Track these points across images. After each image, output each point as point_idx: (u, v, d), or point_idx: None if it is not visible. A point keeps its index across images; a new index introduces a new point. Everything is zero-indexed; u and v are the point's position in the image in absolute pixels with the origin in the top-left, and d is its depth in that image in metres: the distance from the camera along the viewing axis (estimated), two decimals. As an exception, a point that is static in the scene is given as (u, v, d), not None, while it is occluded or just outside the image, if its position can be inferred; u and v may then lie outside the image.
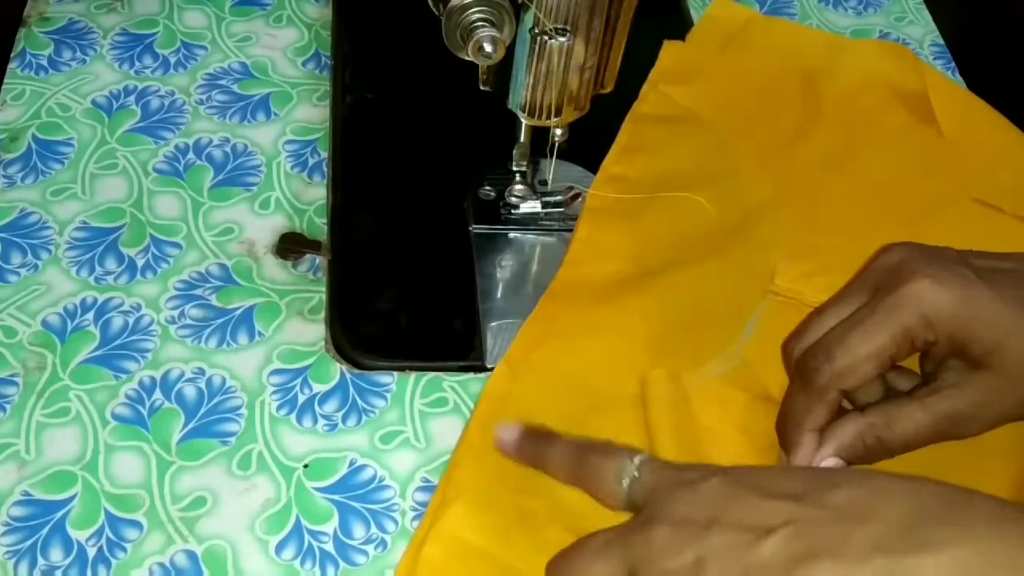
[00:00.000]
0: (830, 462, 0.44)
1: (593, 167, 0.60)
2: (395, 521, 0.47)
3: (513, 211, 0.58)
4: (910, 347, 0.43)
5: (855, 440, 0.45)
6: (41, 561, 0.45)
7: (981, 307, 0.43)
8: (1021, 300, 0.43)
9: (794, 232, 0.58)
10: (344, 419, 0.51)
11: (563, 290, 0.55)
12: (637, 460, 0.41)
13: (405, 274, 0.57)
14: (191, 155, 0.61)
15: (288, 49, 0.67)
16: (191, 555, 0.46)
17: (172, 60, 0.66)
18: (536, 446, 0.45)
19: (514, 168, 0.57)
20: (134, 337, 0.53)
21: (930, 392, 0.44)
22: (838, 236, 0.57)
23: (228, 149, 0.61)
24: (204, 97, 0.64)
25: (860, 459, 0.45)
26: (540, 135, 0.56)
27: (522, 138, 0.56)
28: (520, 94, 0.52)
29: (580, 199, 0.58)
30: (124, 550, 0.46)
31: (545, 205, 0.58)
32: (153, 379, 0.51)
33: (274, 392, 0.51)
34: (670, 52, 0.66)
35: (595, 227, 0.57)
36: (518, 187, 0.58)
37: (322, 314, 0.54)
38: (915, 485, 0.36)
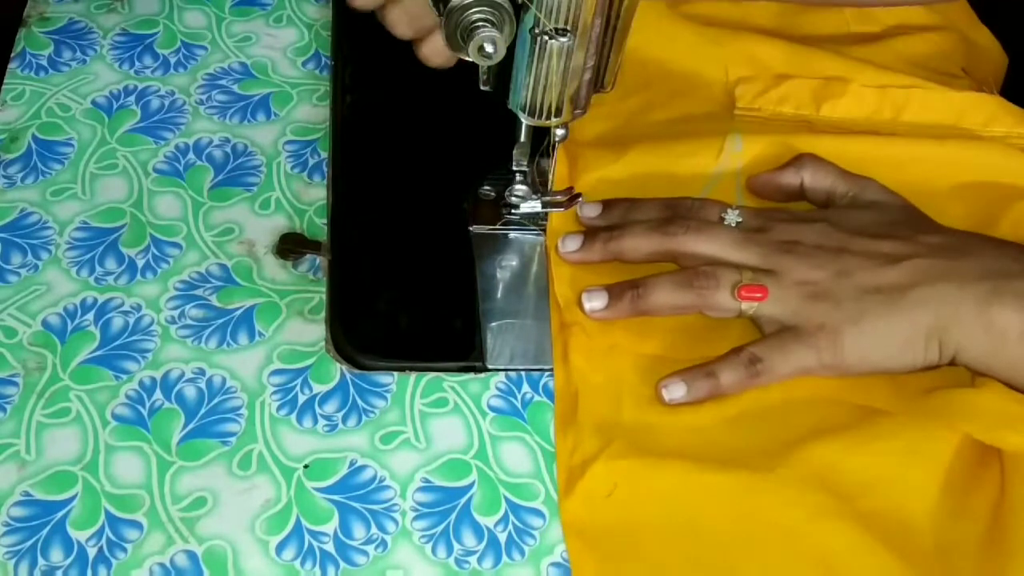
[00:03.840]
0: None
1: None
2: (395, 521, 0.48)
3: (513, 211, 0.58)
4: None
5: None
6: (41, 561, 0.45)
7: None
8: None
9: (738, 56, 0.65)
10: (344, 419, 0.51)
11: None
12: (736, 209, 0.53)
13: (405, 274, 0.57)
14: (191, 155, 0.61)
15: (288, 49, 0.67)
16: (191, 555, 0.46)
17: (172, 60, 0.66)
18: (622, 209, 0.56)
19: (514, 168, 0.57)
20: (134, 337, 0.53)
21: None
22: (778, 46, 0.65)
23: (228, 149, 0.61)
24: (204, 97, 0.64)
25: None
26: (540, 135, 0.56)
27: (522, 138, 0.56)
28: (520, 94, 0.51)
29: (580, 200, 0.58)
30: (124, 550, 0.46)
31: (545, 205, 0.58)
32: (153, 379, 0.51)
33: (274, 392, 0.51)
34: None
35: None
36: (518, 187, 0.58)
37: (322, 314, 0.54)
38: (997, 240, 0.51)
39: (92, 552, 0.46)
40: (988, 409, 0.47)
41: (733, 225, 0.53)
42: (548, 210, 0.58)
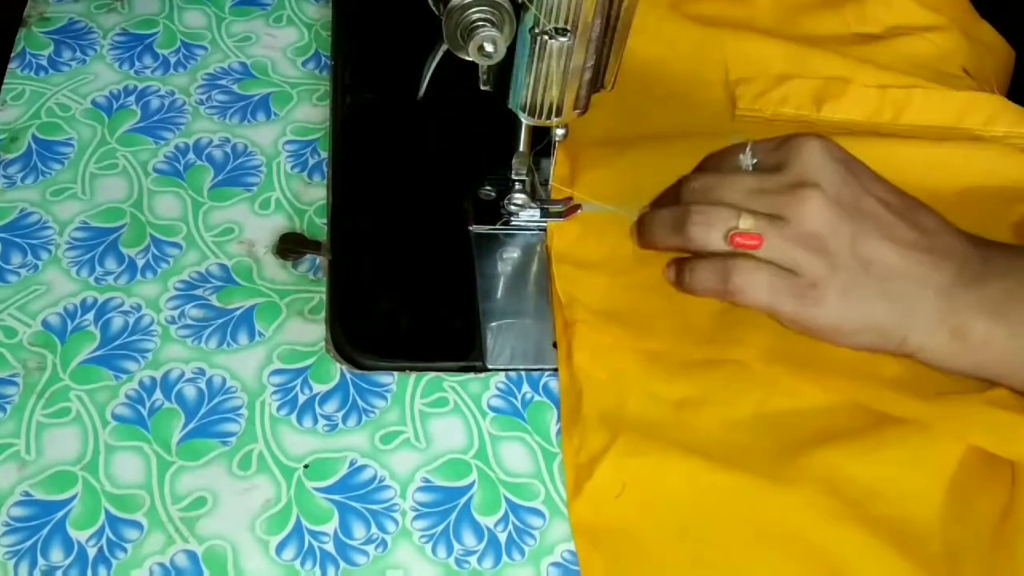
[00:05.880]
0: None
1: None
2: (395, 521, 0.48)
3: (513, 219, 0.58)
4: None
5: None
6: (41, 561, 0.45)
7: None
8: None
9: (738, 56, 0.66)
10: (344, 419, 0.51)
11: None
12: (750, 150, 0.50)
13: (405, 274, 0.57)
14: (191, 155, 0.61)
15: (288, 49, 0.67)
16: (191, 555, 0.46)
17: (172, 60, 0.66)
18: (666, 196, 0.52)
19: (514, 177, 0.57)
20: (134, 337, 0.53)
21: None
22: (778, 46, 0.67)
23: (228, 149, 0.61)
24: (204, 97, 0.64)
25: None
26: (540, 135, 0.56)
27: (522, 147, 0.55)
28: (520, 94, 0.51)
29: (580, 210, 0.58)
30: (124, 550, 0.46)
31: (544, 213, 0.58)
32: (153, 379, 0.51)
33: (274, 392, 0.51)
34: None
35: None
36: (517, 196, 0.58)
37: (322, 314, 0.54)
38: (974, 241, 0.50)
39: (92, 552, 0.46)
40: (1000, 421, 0.47)
41: (748, 167, 0.49)
42: (547, 220, 0.58)
